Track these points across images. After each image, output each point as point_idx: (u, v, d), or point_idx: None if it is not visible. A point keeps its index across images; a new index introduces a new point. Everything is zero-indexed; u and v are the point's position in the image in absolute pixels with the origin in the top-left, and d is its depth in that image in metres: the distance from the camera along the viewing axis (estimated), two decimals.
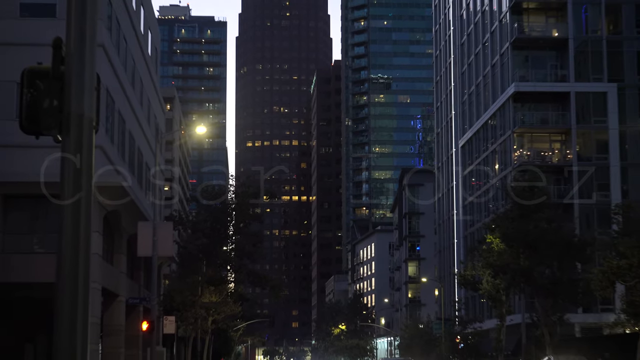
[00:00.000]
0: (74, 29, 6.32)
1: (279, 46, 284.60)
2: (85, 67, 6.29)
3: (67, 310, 6.09)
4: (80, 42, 6.32)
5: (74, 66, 6.27)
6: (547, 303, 56.58)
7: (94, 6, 6.41)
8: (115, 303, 49.71)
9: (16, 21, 41.94)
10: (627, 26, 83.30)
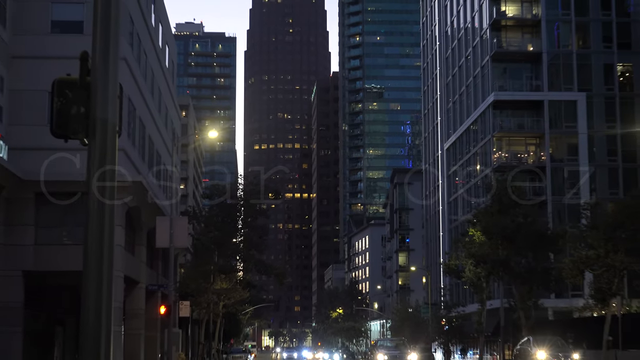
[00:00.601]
0: (99, 44, 6.32)
1: (283, 59, 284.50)
2: (109, 78, 6.29)
3: (93, 296, 6.09)
4: (104, 55, 6.32)
5: (99, 77, 6.28)
6: (523, 289, 56.59)
7: (116, 23, 6.41)
8: (136, 289, 49.71)
9: (48, 37, 41.94)
10: (595, 41, 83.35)
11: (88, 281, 6.16)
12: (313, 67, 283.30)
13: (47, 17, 42.35)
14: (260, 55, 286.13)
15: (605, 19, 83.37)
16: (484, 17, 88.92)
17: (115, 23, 6.42)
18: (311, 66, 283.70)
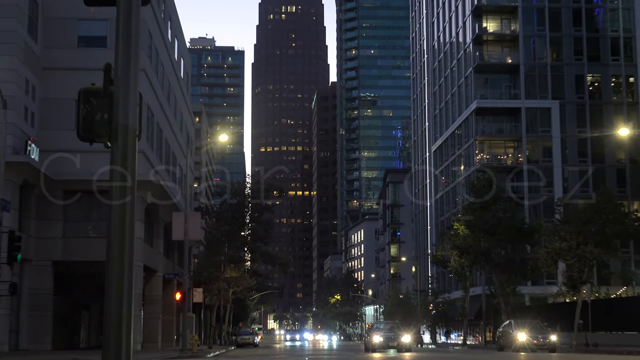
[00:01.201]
0: (121, 57, 6.32)
1: (286, 70, 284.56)
2: (130, 87, 6.29)
3: (115, 284, 6.09)
4: (125, 67, 6.32)
5: (121, 86, 6.28)
6: (502, 278, 56.66)
7: (136, 38, 6.41)
8: (154, 277, 49.77)
9: (75, 50, 41.99)
10: (567, 54, 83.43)
11: (111, 270, 6.17)
12: (313, 77, 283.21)
13: (75, 33, 42.38)
14: (266, 67, 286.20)
15: (577, 35, 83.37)
16: (467, 32, 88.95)
17: (135, 38, 6.42)
18: (312, 77, 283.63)
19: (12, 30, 38.42)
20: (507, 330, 44.53)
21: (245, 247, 63.93)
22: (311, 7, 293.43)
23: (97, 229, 41.02)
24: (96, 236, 40.51)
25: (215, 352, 41.46)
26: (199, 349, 42.90)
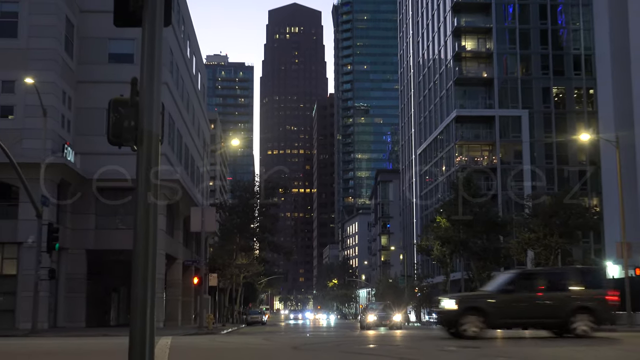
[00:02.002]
0: (146, 71, 6.32)
1: (290, 83, 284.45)
2: (154, 98, 6.29)
3: (141, 269, 6.09)
4: (149, 80, 6.32)
5: (146, 97, 6.27)
6: (479, 264, 56.64)
7: (159, 55, 6.41)
8: (175, 264, 49.87)
9: (105, 66, 42.06)
10: (535, 69, 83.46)
11: (137, 257, 6.16)
12: (314, 89, 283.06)
13: (105, 50, 42.44)
14: (272, 80, 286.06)
15: (544, 52, 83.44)
16: (448, 50, 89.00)
17: (158, 55, 6.41)
18: (312, 89, 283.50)
19: (52, 48, 38.46)
20: None
21: (254, 237, 63.98)
22: (312, 28, 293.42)
23: (125, 221, 41.06)
24: (124, 228, 40.54)
25: (228, 329, 41.45)
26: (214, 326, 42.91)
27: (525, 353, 14.41)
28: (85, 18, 42.17)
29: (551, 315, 20.05)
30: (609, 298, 20.39)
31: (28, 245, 35.21)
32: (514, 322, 20.80)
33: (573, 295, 20.37)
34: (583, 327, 19.62)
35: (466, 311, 19.72)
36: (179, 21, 49.96)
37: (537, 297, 20.55)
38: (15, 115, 37.67)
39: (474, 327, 19.40)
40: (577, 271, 22.42)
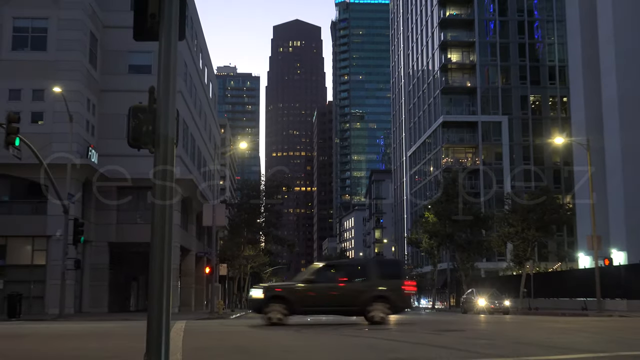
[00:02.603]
0: (162, 81, 6.33)
1: (293, 92, 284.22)
2: (169, 105, 6.30)
3: (158, 260, 6.10)
4: (165, 89, 6.32)
5: (162, 104, 6.28)
6: (463, 256, 56.75)
7: (174, 67, 6.42)
8: (189, 255, 49.89)
9: (126, 76, 42.08)
10: (514, 79, 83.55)
11: (154, 249, 6.16)
12: (314, 97, 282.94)
13: (126, 62, 42.47)
14: (276, 89, 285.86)
15: (522, 64, 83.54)
16: (435, 62, 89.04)
17: (173, 66, 6.42)
18: (313, 97, 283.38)
19: (78, 60, 38.50)
20: (469, 297, 44.60)
21: (260, 231, 63.91)
22: (312, 42, 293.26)
23: (144, 217, 41.08)
24: (143, 223, 40.57)
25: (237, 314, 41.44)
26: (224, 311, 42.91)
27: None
28: (108, 33, 42.20)
29: (350, 303, 20.12)
30: (405, 288, 20.54)
31: (56, 238, 35.22)
32: (315, 309, 20.79)
33: (371, 285, 20.37)
34: (380, 314, 19.80)
35: (270, 300, 19.96)
36: (192, 36, 49.95)
37: (338, 287, 20.60)
38: (44, 120, 37.70)
39: (277, 314, 19.71)
40: (377, 263, 22.32)
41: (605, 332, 16.01)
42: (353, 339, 14.66)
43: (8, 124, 23.98)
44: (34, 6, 38.61)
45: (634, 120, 54.99)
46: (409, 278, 20.79)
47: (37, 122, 37.60)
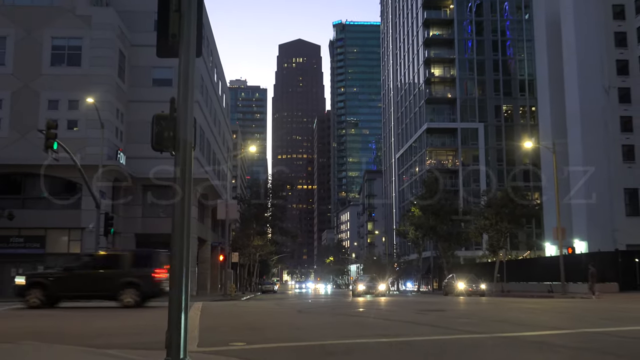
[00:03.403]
0: (181, 93, 6.32)
1: (296, 102, 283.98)
2: (188, 114, 6.29)
3: (178, 248, 6.09)
4: (184, 100, 6.32)
5: (181, 113, 6.27)
6: (444, 245, 56.73)
7: (192, 80, 6.42)
8: (205, 245, 49.84)
9: (150, 88, 42.01)
10: (489, 91, 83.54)
11: (175, 240, 6.15)
12: (314, 107, 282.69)
13: (150, 76, 42.42)
14: (281, 100, 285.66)
15: (496, 77, 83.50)
16: (420, 76, 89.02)
17: (191, 80, 6.42)
18: (313, 106, 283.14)
19: (108, 75, 38.48)
20: (450, 281, 44.56)
21: (267, 224, 63.97)
22: (313, 59, 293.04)
23: (165, 211, 41.03)
24: (165, 216, 40.52)
25: (247, 296, 41.49)
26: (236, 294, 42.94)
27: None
28: (134, 51, 42.17)
29: (104, 289, 20.08)
30: (155, 275, 20.21)
31: (89, 230, 35.18)
32: (72, 294, 20.55)
33: (123, 273, 20.24)
34: (129, 299, 19.75)
35: (31, 286, 19.93)
36: (208, 53, 49.92)
37: (93, 275, 20.46)
38: (79, 127, 37.67)
39: (35, 299, 19.67)
40: (131, 253, 21.76)
41: (568, 312, 16.02)
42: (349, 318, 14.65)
43: (47, 130, 24.00)
44: (69, 27, 38.58)
45: (593, 127, 55.04)
46: (163, 266, 20.26)
47: (72, 129, 37.57)
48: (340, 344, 8.64)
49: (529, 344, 8.46)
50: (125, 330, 11.62)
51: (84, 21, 38.71)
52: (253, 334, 10.47)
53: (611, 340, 8.88)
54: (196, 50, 6.45)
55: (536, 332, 10.09)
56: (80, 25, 38.56)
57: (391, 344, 8.54)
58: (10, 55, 38.06)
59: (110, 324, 13.28)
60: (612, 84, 55.78)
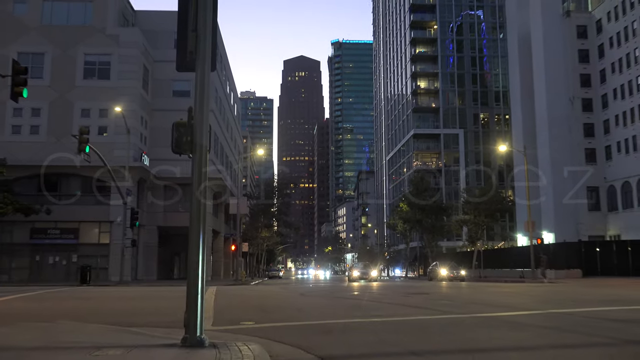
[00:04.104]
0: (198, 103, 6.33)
1: (299, 111, 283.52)
2: (203, 121, 6.29)
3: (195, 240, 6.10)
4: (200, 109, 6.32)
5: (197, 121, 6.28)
6: (429, 237, 56.64)
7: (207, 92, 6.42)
8: (219, 236, 49.82)
9: (170, 98, 42.00)
10: (468, 101, 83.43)
11: (192, 232, 6.16)
12: (315, 115, 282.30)
13: (170, 88, 42.40)
14: (286, 109, 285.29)
15: (474, 89, 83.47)
16: (408, 88, 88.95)
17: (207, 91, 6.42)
18: (314, 114, 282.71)
19: (134, 87, 38.47)
20: (434, 268, 44.53)
21: (273, 218, 63.94)
22: (314, 72, 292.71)
23: (184, 206, 41.01)
24: (183, 211, 40.50)
25: (256, 281, 41.48)
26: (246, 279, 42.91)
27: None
28: (157, 66, 42.15)
29: None
30: None
31: (117, 223, 35.21)
32: None
33: None
34: None
35: None
36: (221, 68, 49.89)
37: None
38: (108, 133, 37.66)
39: None
40: None
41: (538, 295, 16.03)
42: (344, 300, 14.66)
43: (80, 135, 24.01)
44: (100, 45, 38.57)
45: (559, 133, 55.07)
46: None
47: (102, 134, 37.57)
48: (338, 323, 8.65)
49: (503, 323, 8.48)
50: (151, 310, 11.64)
51: (112, 40, 38.71)
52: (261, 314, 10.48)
53: (572, 320, 8.90)
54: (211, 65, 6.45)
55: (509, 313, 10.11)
56: (109, 43, 38.56)
57: (383, 323, 8.55)
58: (48, 69, 38.07)
59: (141, 304, 13.28)
60: (576, 95, 55.80)
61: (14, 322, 8.75)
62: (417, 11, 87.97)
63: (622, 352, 5.93)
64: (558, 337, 6.96)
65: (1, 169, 32.19)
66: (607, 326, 7.96)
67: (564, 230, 51.73)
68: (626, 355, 5.76)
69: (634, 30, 51.01)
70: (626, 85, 51.86)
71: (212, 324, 8.53)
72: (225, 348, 5.70)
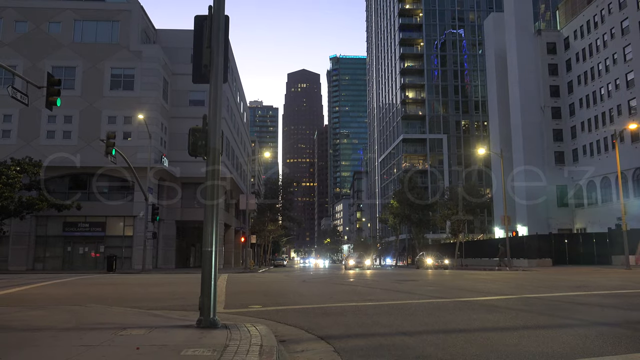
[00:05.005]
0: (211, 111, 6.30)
1: (301, 118, 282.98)
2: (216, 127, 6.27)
3: (209, 232, 6.08)
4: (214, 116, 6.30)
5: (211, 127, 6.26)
6: (417, 230, 56.55)
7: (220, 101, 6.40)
8: (230, 229, 49.78)
9: (187, 107, 41.93)
10: (451, 110, 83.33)
11: (206, 225, 6.14)
12: (315, 122, 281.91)
13: (187, 98, 42.34)
14: (290, 117, 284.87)
15: (456, 99, 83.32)
16: (397, 98, 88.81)
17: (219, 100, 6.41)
18: (314, 121, 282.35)
19: (155, 97, 38.40)
20: (421, 258, 44.50)
21: (278, 213, 63.75)
22: (314, 84, 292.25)
23: (199, 202, 41.01)
24: (198, 207, 40.49)
25: (263, 269, 41.47)
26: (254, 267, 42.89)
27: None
28: (175, 78, 42.10)
29: None
30: None
31: (140, 217, 35.15)
32: None
33: None
34: None
35: None
36: (232, 80, 49.83)
37: None
38: (132, 137, 37.62)
39: None
40: None
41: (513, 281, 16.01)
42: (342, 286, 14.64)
43: (107, 140, 24.01)
44: (125, 60, 38.52)
45: (531, 138, 55.05)
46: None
47: (127, 139, 37.53)
48: (336, 307, 8.64)
49: (481, 307, 8.46)
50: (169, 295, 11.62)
51: (136, 55, 38.66)
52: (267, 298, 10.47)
53: (544, 303, 8.88)
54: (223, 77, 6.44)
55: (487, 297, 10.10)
56: (133, 58, 38.52)
57: (376, 307, 8.54)
58: (79, 81, 38.04)
59: (160, 290, 13.27)
60: (546, 104, 55.79)
61: (49, 306, 8.74)
62: (405, 30, 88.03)
63: (589, 332, 5.92)
64: (531, 319, 6.95)
65: (37, 170, 32.17)
66: (575, 309, 7.96)
67: (537, 224, 51.73)
68: (592, 334, 5.75)
69: (598, 46, 51.01)
70: (591, 96, 51.88)
71: (224, 307, 8.52)
72: (236, 329, 5.69)
